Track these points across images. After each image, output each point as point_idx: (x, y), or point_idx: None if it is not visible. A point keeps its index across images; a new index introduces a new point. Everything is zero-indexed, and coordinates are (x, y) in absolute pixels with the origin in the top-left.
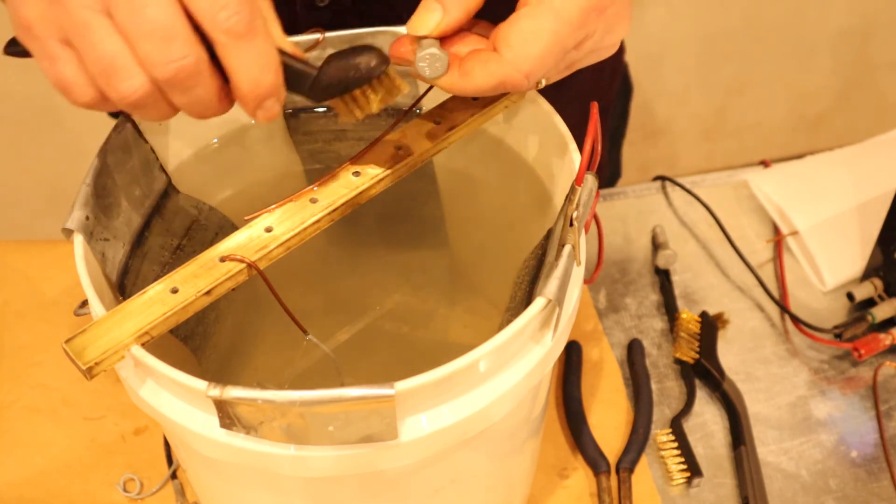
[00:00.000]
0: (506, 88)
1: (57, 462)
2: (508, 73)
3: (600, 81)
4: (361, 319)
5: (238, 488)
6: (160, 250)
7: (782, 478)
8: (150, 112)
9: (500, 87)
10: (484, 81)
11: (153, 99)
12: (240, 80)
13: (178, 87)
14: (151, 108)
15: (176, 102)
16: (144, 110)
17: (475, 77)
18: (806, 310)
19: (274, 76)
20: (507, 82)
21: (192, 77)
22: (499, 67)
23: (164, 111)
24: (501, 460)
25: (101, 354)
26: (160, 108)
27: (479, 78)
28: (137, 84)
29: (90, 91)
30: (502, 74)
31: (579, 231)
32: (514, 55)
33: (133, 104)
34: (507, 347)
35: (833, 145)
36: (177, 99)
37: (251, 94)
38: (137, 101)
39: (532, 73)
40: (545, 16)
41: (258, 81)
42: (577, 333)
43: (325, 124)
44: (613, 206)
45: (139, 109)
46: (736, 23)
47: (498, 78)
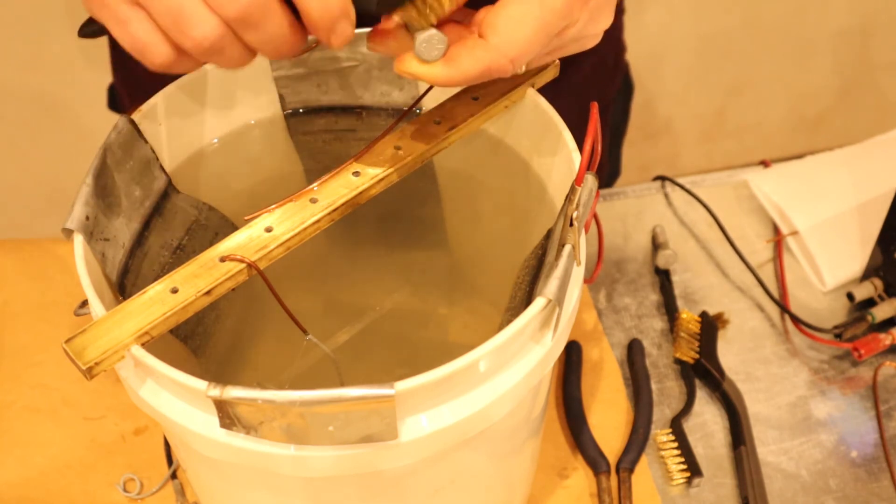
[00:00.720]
0: (492, 74)
1: (57, 462)
2: (495, 59)
3: (600, 80)
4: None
5: (238, 488)
6: (160, 250)
7: (782, 478)
8: (227, 57)
9: (486, 73)
10: (471, 67)
11: (228, 41)
12: (310, 6)
13: (251, 24)
14: (228, 52)
15: (250, 42)
16: (222, 56)
17: (462, 64)
18: (806, 310)
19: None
20: (494, 68)
21: (263, 11)
22: (485, 53)
23: (241, 55)
24: (501, 460)
25: (101, 354)
26: (237, 52)
27: (466, 64)
28: (210, 28)
29: (165, 48)
30: (489, 60)
31: (579, 231)
32: (501, 40)
33: (209, 49)
34: (507, 347)
35: (833, 145)
36: (251, 37)
37: (324, 18)
38: (213, 46)
39: (518, 59)
40: (531, 2)
41: (326, 5)
42: (577, 333)
43: (325, 124)
44: (613, 206)
45: (216, 55)
46: (736, 23)
47: (485, 63)
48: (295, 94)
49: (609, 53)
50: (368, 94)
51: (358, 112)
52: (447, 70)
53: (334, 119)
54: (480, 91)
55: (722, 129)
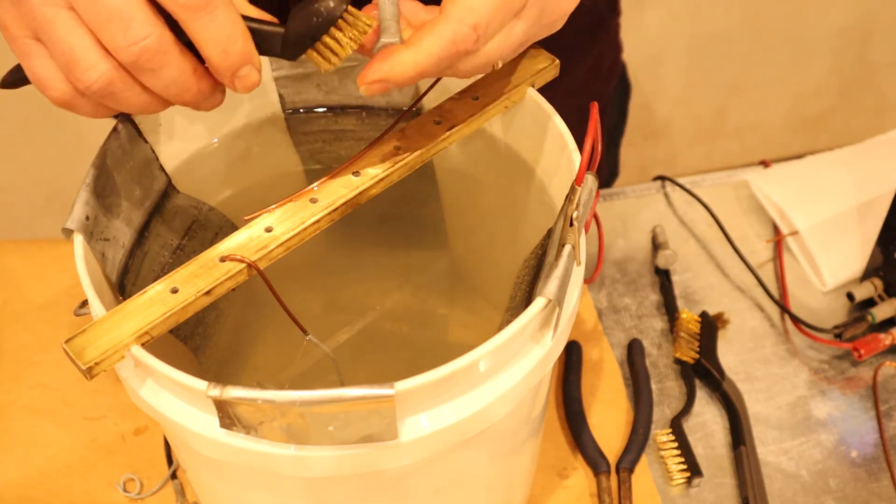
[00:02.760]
0: (458, 49)
1: (57, 462)
2: (457, 29)
3: (598, 80)
4: (361, 319)
5: (238, 488)
6: (160, 250)
7: (782, 478)
8: (125, 101)
9: (452, 46)
10: (434, 44)
11: (123, 86)
12: (209, 52)
13: (147, 69)
14: (125, 96)
15: (151, 86)
16: (117, 99)
17: (424, 45)
18: (806, 310)
19: (242, 43)
20: (458, 39)
21: (158, 56)
22: (446, 25)
23: (143, 99)
24: (501, 460)
25: (101, 354)
26: (136, 96)
27: (428, 43)
28: (99, 72)
29: (63, 85)
30: (451, 32)
31: (579, 231)
32: (459, 7)
33: (101, 92)
34: (507, 347)
35: (833, 145)
36: (150, 83)
37: (224, 65)
38: (103, 90)
39: (480, 25)
40: None
41: (227, 50)
42: (577, 333)
43: (325, 124)
44: (613, 206)
45: (111, 99)
46: (735, 23)
47: (447, 36)
48: (295, 94)
49: (606, 54)
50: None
51: (358, 112)
52: (410, 55)
53: (334, 119)
54: (480, 91)
55: (722, 129)
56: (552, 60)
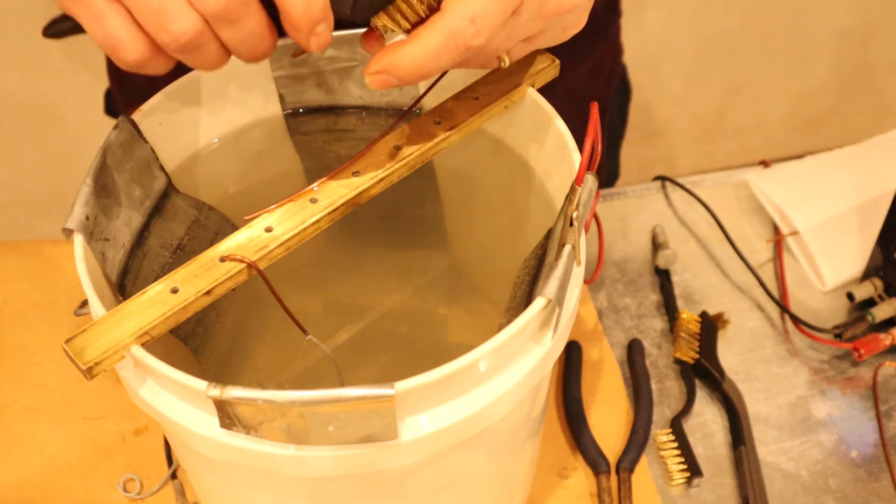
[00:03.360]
0: (457, 43)
1: (57, 462)
2: (454, 23)
3: (598, 81)
4: (361, 319)
5: (238, 488)
6: (160, 250)
7: (782, 478)
8: (203, 56)
9: (450, 40)
10: (433, 39)
11: (206, 38)
12: (292, 6)
13: (230, 21)
14: (205, 50)
15: (227, 40)
16: (197, 53)
17: (422, 39)
18: (806, 310)
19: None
20: (456, 31)
21: (243, 7)
22: (444, 20)
23: (217, 54)
24: (501, 460)
25: (101, 354)
26: (213, 51)
27: (427, 39)
28: (190, 23)
29: (140, 45)
30: (449, 26)
31: (579, 231)
32: (456, 2)
33: (186, 45)
34: (507, 347)
35: (833, 145)
36: (228, 35)
37: (304, 19)
38: (190, 42)
39: (477, 18)
40: None
41: (309, 5)
42: (577, 333)
43: (325, 124)
44: (613, 206)
45: (192, 52)
46: (735, 23)
47: (446, 31)
48: (295, 94)
49: (606, 55)
50: (368, 94)
51: (358, 112)
52: (410, 50)
53: (334, 119)
54: (480, 91)
55: (722, 129)
56: (552, 60)
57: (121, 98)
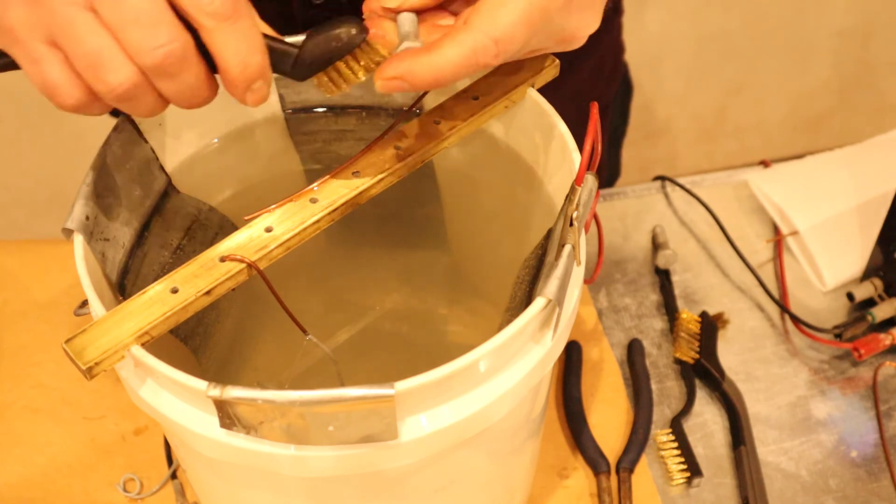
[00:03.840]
0: (478, 60)
1: (57, 462)
2: (479, 40)
3: (599, 80)
4: (361, 319)
5: (238, 488)
6: (160, 250)
7: (782, 478)
8: (139, 105)
9: (472, 56)
10: (455, 53)
11: (142, 90)
12: (228, 63)
13: (167, 74)
14: (141, 100)
15: (165, 91)
16: (134, 103)
17: (444, 50)
18: (806, 310)
19: (261, 56)
20: (479, 49)
21: (180, 62)
22: (469, 35)
23: (154, 104)
24: (501, 460)
25: (101, 354)
26: (149, 101)
27: (449, 51)
28: (125, 75)
29: (77, 91)
30: (473, 42)
31: (579, 231)
32: (485, 21)
33: (122, 96)
34: (507, 347)
35: (833, 145)
36: (166, 87)
37: (240, 77)
38: (126, 93)
39: (502, 41)
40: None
41: (246, 63)
42: (577, 333)
43: (325, 124)
44: (613, 206)
45: (128, 102)
46: (736, 23)
47: (469, 46)
48: (295, 94)
49: (608, 54)
50: (368, 94)
51: (358, 112)
52: (430, 59)
53: (334, 119)
54: (480, 91)
55: (722, 129)
56: (552, 60)
57: None
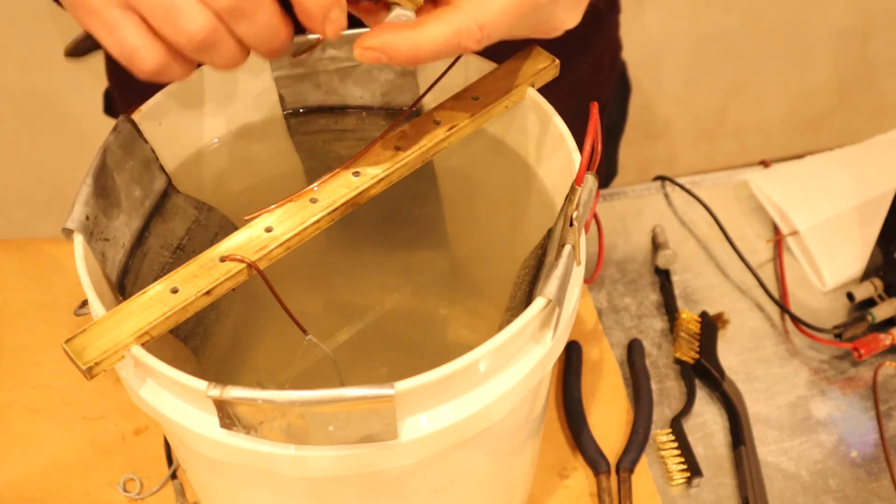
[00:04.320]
0: (460, 41)
1: (57, 462)
2: (464, 23)
3: (596, 77)
4: (361, 319)
5: (238, 488)
6: (160, 250)
7: (782, 478)
8: (220, 54)
9: (455, 37)
10: (439, 32)
11: (221, 35)
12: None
13: (243, 15)
14: (221, 48)
15: (242, 35)
16: (214, 52)
17: (429, 29)
18: (806, 310)
19: None
20: (463, 32)
21: (254, 0)
22: (455, 16)
23: (234, 51)
24: (501, 460)
25: (101, 354)
26: (230, 48)
27: (433, 29)
28: (202, 20)
29: (156, 51)
30: (458, 23)
31: (579, 231)
32: (473, 4)
33: (202, 44)
34: (507, 347)
35: (833, 145)
36: (243, 30)
37: (317, 6)
38: (206, 40)
39: (487, 27)
40: None
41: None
42: (577, 333)
43: (325, 124)
44: (613, 206)
45: (209, 51)
46: (735, 23)
47: (454, 27)
48: (295, 94)
49: (605, 52)
50: (368, 94)
51: (358, 112)
52: (413, 35)
53: (334, 119)
54: (480, 91)
55: (722, 129)
56: (552, 60)
57: (119, 98)
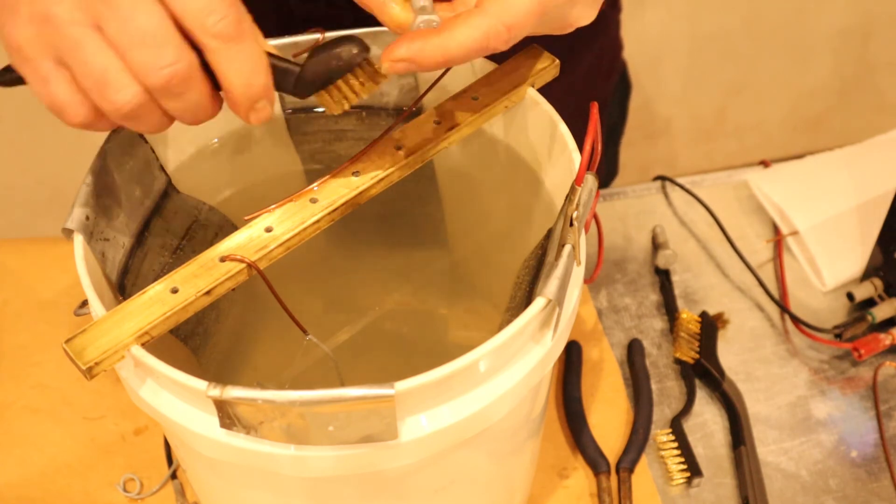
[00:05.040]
0: (489, 44)
1: (57, 462)
2: (492, 25)
3: (597, 77)
4: (361, 319)
5: (238, 488)
6: (160, 250)
7: (782, 478)
8: (144, 123)
9: (484, 40)
10: (468, 36)
11: (147, 108)
12: (231, 83)
13: (172, 93)
14: (146, 119)
15: (170, 109)
16: (139, 121)
17: (457, 33)
18: (806, 310)
19: (265, 76)
20: (492, 34)
21: (186, 81)
22: (482, 19)
23: (159, 121)
24: (501, 460)
25: (101, 354)
26: (154, 118)
27: (461, 34)
28: (131, 94)
29: (83, 109)
30: (486, 26)
31: (579, 231)
32: (499, 6)
33: (128, 115)
34: (507, 347)
35: (833, 145)
36: (171, 105)
37: (244, 97)
38: (132, 112)
39: (515, 27)
40: None
41: (250, 83)
42: (577, 333)
43: (325, 124)
44: (613, 206)
45: (134, 121)
46: (736, 23)
47: (482, 30)
48: None
49: (606, 51)
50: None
51: (358, 112)
52: (442, 41)
53: (334, 119)
54: (480, 91)
55: (722, 129)
56: (552, 60)
57: None
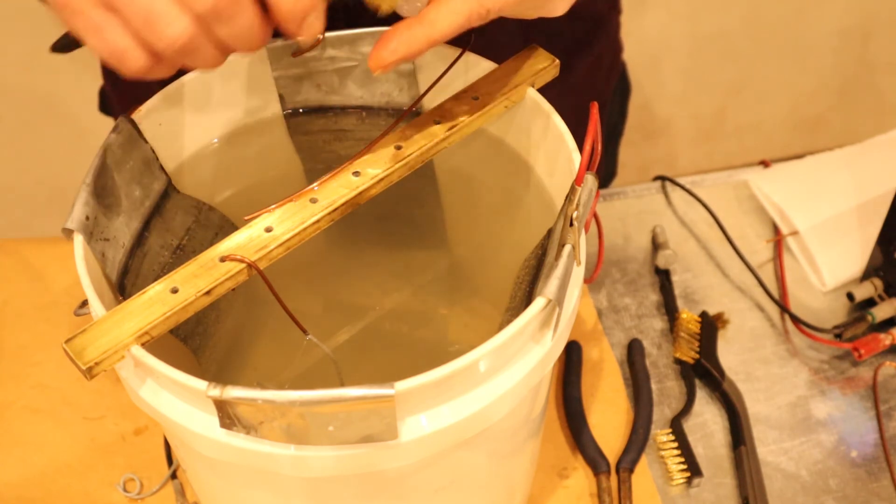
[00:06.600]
0: (471, 24)
1: (57, 462)
2: (472, 9)
3: (597, 78)
4: (361, 319)
5: (238, 488)
6: (160, 250)
7: (782, 478)
8: (200, 56)
9: (465, 24)
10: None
11: (201, 39)
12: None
13: (222, 17)
14: (202, 52)
15: (222, 37)
16: (195, 55)
17: (440, 22)
18: (806, 310)
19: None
20: (472, 18)
21: (234, 4)
22: (463, 5)
23: (213, 54)
24: (501, 460)
25: (101, 354)
26: (209, 51)
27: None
28: (182, 26)
29: (140, 54)
30: (468, 10)
31: (579, 231)
32: None
33: (182, 49)
34: (507, 347)
35: (833, 145)
36: (223, 32)
37: (294, 11)
38: (186, 45)
39: (493, 9)
40: None
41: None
42: (577, 333)
43: (325, 124)
44: (613, 206)
45: (190, 55)
46: (735, 23)
47: (464, 14)
48: (295, 94)
49: (606, 52)
50: (368, 94)
51: (358, 112)
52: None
53: (334, 119)
54: (480, 91)
55: (722, 129)
56: (552, 60)
57: (115, 95)
